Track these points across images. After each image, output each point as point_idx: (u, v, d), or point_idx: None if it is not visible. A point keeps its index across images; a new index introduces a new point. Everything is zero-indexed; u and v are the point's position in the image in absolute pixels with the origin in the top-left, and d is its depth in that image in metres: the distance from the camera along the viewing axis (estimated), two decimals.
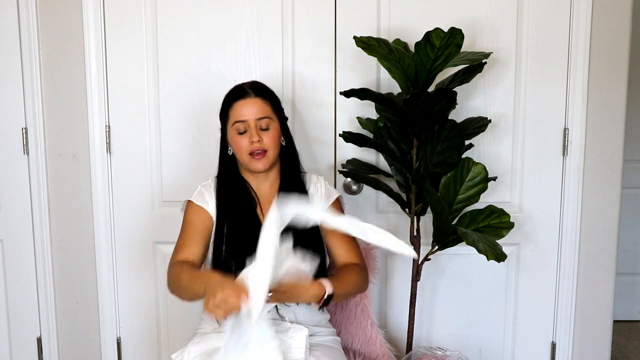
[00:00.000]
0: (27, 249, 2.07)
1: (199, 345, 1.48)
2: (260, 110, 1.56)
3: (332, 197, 1.68)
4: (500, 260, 1.61)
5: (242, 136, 1.56)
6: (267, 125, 1.57)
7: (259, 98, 1.57)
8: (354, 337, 1.85)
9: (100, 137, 2.03)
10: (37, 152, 2.02)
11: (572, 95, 2.00)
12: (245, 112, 1.55)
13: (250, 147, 1.55)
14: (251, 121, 1.55)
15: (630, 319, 3.18)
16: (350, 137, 1.79)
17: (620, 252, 2.16)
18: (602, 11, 1.96)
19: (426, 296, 2.12)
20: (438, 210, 1.70)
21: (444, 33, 1.60)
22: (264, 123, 1.56)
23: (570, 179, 2.04)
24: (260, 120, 1.56)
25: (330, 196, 1.68)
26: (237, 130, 1.56)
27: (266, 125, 1.57)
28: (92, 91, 2.01)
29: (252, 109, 1.56)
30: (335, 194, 1.69)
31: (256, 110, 1.56)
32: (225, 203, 1.60)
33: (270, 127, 1.57)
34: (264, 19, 1.99)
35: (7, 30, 1.97)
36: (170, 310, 2.11)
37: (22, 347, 2.13)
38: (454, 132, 1.72)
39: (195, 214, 1.61)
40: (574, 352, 2.12)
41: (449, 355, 1.82)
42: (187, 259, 1.56)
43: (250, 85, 1.60)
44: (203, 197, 1.62)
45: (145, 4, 1.98)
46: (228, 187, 1.62)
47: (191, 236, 1.59)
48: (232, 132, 1.57)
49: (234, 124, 1.56)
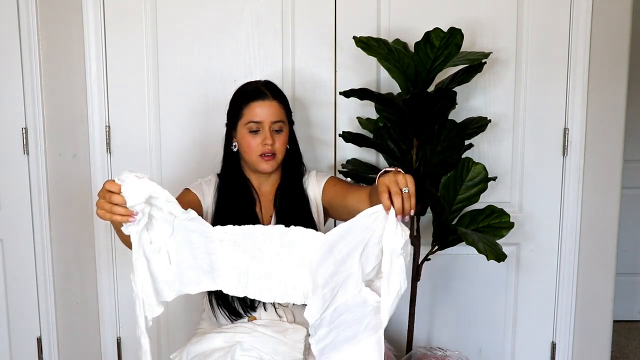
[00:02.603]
0: (27, 249, 2.07)
1: (197, 345, 1.48)
2: (276, 114, 1.56)
3: (322, 181, 1.65)
4: (500, 260, 1.61)
5: (254, 136, 1.55)
6: (280, 128, 1.57)
7: (275, 101, 1.57)
8: None
9: (100, 137, 2.03)
10: (37, 152, 2.02)
11: (572, 95, 2.00)
12: (262, 113, 1.55)
13: (262, 148, 1.55)
14: (266, 123, 1.55)
15: (630, 319, 3.18)
16: (350, 137, 1.79)
17: (620, 252, 2.16)
18: (602, 11, 1.96)
19: (426, 296, 2.12)
20: (438, 210, 1.70)
21: (444, 33, 1.60)
22: (277, 126, 1.56)
23: (570, 179, 2.04)
24: (275, 124, 1.56)
25: (321, 181, 1.65)
26: (250, 129, 1.55)
27: (279, 128, 1.57)
28: (92, 91, 2.01)
29: (269, 111, 1.55)
30: (325, 176, 1.67)
31: (273, 113, 1.55)
32: (225, 199, 1.60)
33: (282, 130, 1.58)
34: (264, 19, 1.99)
35: (7, 30, 1.96)
36: (169, 310, 2.11)
37: (22, 347, 2.13)
38: (454, 132, 1.72)
39: (185, 195, 1.60)
40: (574, 352, 2.12)
41: (449, 355, 1.82)
42: None
43: (267, 87, 1.59)
44: (201, 188, 1.63)
45: (145, 4, 1.98)
46: (229, 184, 1.62)
47: None
48: (244, 131, 1.56)
49: (248, 123, 1.55)
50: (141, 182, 1.16)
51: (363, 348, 1.30)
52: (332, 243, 1.24)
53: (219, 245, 1.29)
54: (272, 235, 1.29)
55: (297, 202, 1.61)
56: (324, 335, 1.29)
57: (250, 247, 1.30)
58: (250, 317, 1.56)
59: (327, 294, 1.26)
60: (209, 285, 1.33)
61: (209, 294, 1.61)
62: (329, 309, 1.28)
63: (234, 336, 1.47)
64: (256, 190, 1.64)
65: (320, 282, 1.26)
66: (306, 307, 1.28)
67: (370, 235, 1.23)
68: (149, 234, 1.25)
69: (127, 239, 1.24)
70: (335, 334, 1.30)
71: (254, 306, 1.55)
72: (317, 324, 1.28)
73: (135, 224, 1.20)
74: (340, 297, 1.28)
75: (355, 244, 1.23)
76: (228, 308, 1.56)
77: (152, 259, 1.27)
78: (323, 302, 1.27)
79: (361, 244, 1.23)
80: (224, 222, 1.56)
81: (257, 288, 1.32)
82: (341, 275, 1.26)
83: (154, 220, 1.25)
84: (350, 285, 1.27)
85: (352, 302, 1.28)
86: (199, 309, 1.74)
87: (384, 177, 1.20)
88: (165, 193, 1.19)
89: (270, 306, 1.55)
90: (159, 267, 1.29)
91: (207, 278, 1.32)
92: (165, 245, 1.28)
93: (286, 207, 1.61)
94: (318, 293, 1.26)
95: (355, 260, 1.25)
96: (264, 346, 1.43)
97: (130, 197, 1.16)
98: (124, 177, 1.16)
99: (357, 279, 1.27)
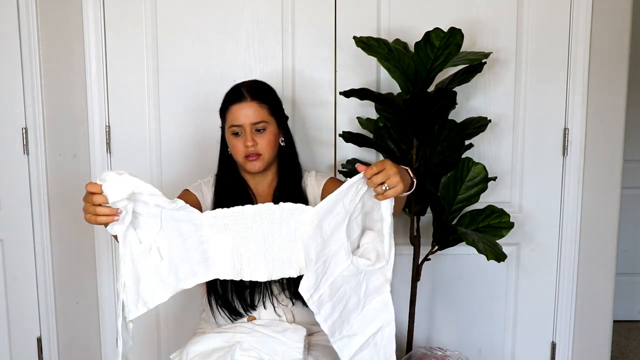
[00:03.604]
0: (27, 249, 2.07)
1: (197, 345, 1.48)
2: (255, 115, 1.55)
3: (322, 181, 1.65)
4: (500, 260, 1.61)
5: (237, 139, 1.56)
6: (262, 128, 1.56)
7: (255, 102, 1.56)
8: None
9: (100, 137, 2.03)
10: (37, 152, 2.02)
11: (572, 95, 2.00)
12: (240, 116, 1.55)
13: (245, 150, 1.55)
14: (246, 126, 1.55)
15: (630, 319, 3.18)
16: (350, 137, 1.80)
17: (620, 252, 2.16)
18: (602, 11, 1.96)
19: (426, 296, 2.12)
20: (438, 210, 1.70)
21: (444, 33, 1.60)
22: (259, 126, 1.56)
23: (570, 179, 2.04)
24: (255, 125, 1.55)
25: (320, 181, 1.65)
26: (233, 132, 1.57)
27: (261, 128, 1.56)
28: (92, 91, 2.01)
29: (247, 113, 1.55)
30: (325, 177, 1.67)
31: (251, 115, 1.55)
32: (222, 200, 1.60)
33: (266, 129, 1.57)
34: (264, 19, 1.99)
35: (7, 30, 1.96)
36: (169, 310, 2.11)
37: (22, 347, 2.13)
38: (454, 132, 1.72)
39: (184, 195, 1.61)
40: (574, 352, 2.12)
41: (449, 356, 1.82)
42: None
43: (248, 88, 1.59)
44: (201, 189, 1.64)
45: (145, 4, 1.98)
46: (226, 185, 1.63)
47: None
48: (229, 134, 1.58)
49: (231, 127, 1.57)
50: (122, 177, 1.15)
51: (370, 312, 1.33)
52: (321, 217, 1.26)
53: (210, 231, 1.28)
54: (263, 212, 1.28)
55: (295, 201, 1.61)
56: (330, 311, 1.31)
57: (241, 228, 1.29)
58: (249, 317, 1.56)
59: (320, 268, 1.28)
60: (204, 275, 1.32)
61: (209, 294, 1.61)
62: (325, 283, 1.29)
63: (233, 336, 1.47)
64: (252, 191, 1.64)
65: (312, 257, 1.27)
66: (300, 282, 1.28)
67: (354, 207, 1.28)
68: (137, 233, 1.24)
69: None
70: (341, 308, 1.32)
71: (254, 305, 1.56)
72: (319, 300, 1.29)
73: (119, 223, 1.19)
74: (335, 270, 1.30)
75: (342, 216, 1.27)
76: (228, 308, 1.56)
77: (141, 260, 1.26)
78: (316, 276, 1.28)
79: (347, 215, 1.27)
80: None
81: (251, 270, 1.31)
82: (331, 249, 1.29)
83: (140, 217, 1.23)
84: (341, 257, 1.30)
85: (347, 273, 1.31)
86: (198, 309, 1.74)
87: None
88: (148, 187, 1.17)
89: (270, 305, 1.56)
90: (150, 266, 1.27)
91: (202, 267, 1.30)
92: (155, 242, 1.27)
93: None
94: (311, 267, 1.28)
95: (342, 233, 1.28)
96: (264, 346, 1.43)
97: (112, 195, 1.14)
98: (104, 175, 1.15)
99: (346, 251, 1.30)
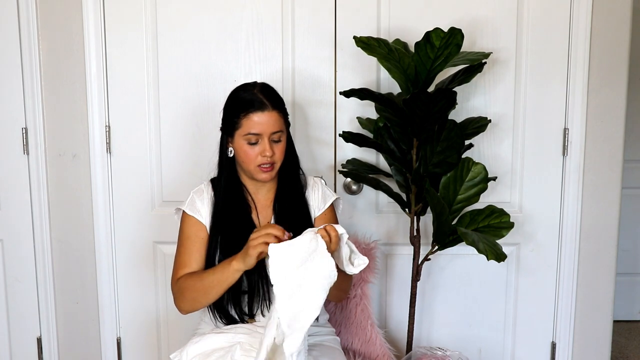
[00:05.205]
0: (27, 249, 2.07)
1: (197, 345, 1.48)
2: (275, 125, 1.51)
3: (327, 201, 1.65)
4: (500, 260, 1.61)
5: (252, 147, 1.51)
6: (279, 138, 1.53)
7: (275, 111, 1.51)
8: (354, 337, 1.86)
9: (100, 137, 2.03)
10: (37, 152, 2.02)
11: (572, 96, 2.00)
12: (262, 125, 1.49)
13: (260, 159, 1.51)
14: (266, 135, 1.50)
15: (630, 319, 3.18)
16: (350, 137, 1.79)
17: (620, 252, 2.16)
18: (602, 11, 1.96)
19: (426, 296, 2.12)
20: (438, 210, 1.70)
21: (444, 33, 1.60)
22: (276, 137, 1.52)
23: (570, 179, 2.04)
24: (274, 134, 1.51)
25: (326, 200, 1.65)
26: (248, 141, 1.51)
27: (278, 138, 1.53)
28: (92, 91, 2.01)
29: (268, 123, 1.50)
30: (331, 197, 1.66)
31: (272, 124, 1.50)
32: (222, 207, 1.58)
33: (281, 140, 1.54)
34: (264, 19, 1.99)
35: (7, 30, 1.97)
36: (169, 311, 2.11)
37: (22, 347, 2.13)
38: (454, 132, 1.72)
39: (190, 226, 1.58)
40: (574, 352, 2.12)
41: (449, 355, 1.82)
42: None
43: (266, 95, 1.52)
44: (195, 205, 1.60)
45: (145, 4, 1.98)
46: (225, 190, 1.59)
47: (190, 252, 1.57)
48: (242, 141, 1.52)
49: (247, 134, 1.50)
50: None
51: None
52: (292, 287, 1.28)
53: None
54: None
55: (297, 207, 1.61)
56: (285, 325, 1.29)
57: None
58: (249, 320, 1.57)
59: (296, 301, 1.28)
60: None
61: None
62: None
63: (233, 336, 1.47)
64: (252, 197, 1.62)
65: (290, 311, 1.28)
66: (284, 344, 1.25)
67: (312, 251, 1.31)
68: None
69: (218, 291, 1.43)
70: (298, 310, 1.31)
71: (252, 314, 1.56)
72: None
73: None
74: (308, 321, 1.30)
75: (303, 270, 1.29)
76: (226, 316, 1.57)
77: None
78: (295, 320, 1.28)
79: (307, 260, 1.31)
80: (221, 229, 1.56)
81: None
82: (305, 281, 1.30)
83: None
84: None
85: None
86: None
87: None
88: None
89: (268, 312, 1.55)
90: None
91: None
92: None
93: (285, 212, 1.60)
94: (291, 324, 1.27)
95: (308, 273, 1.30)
96: None
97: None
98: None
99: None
